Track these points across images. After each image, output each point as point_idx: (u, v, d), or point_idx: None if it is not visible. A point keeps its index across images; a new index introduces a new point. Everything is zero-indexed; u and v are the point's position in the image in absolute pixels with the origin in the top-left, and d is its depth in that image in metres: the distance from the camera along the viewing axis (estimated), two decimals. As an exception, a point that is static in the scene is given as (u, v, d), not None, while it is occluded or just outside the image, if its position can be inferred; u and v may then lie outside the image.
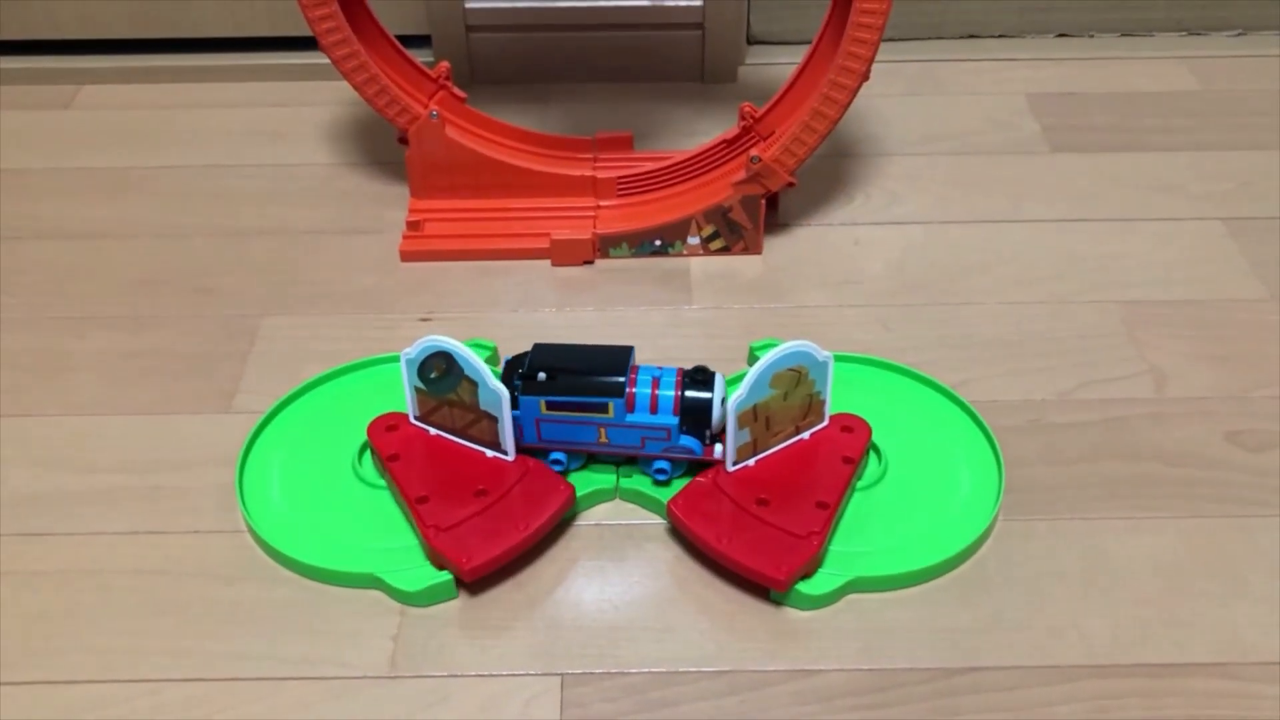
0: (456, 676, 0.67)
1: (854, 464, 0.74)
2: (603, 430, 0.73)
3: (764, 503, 0.72)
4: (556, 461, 0.75)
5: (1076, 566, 0.72)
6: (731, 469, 0.74)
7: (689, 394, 0.73)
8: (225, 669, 0.67)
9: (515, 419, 0.74)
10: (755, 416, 0.73)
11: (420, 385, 0.75)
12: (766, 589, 0.70)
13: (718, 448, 0.74)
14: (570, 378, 0.73)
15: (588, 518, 0.76)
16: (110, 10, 1.18)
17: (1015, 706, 0.65)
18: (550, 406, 0.73)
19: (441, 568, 0.70)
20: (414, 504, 0.72)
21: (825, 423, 0.76)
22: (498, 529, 0.71)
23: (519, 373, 0.74)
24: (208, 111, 1.16)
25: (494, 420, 0.73)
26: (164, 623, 0.69)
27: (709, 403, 0.73)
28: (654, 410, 0.73)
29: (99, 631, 0.69)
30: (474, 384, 0.72)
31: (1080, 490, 0.77)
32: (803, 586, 0.69)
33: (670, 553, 0.73)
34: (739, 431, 0.73)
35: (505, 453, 0.75)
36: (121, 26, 1.19)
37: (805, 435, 0.76)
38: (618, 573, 0.72)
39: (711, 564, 0.72)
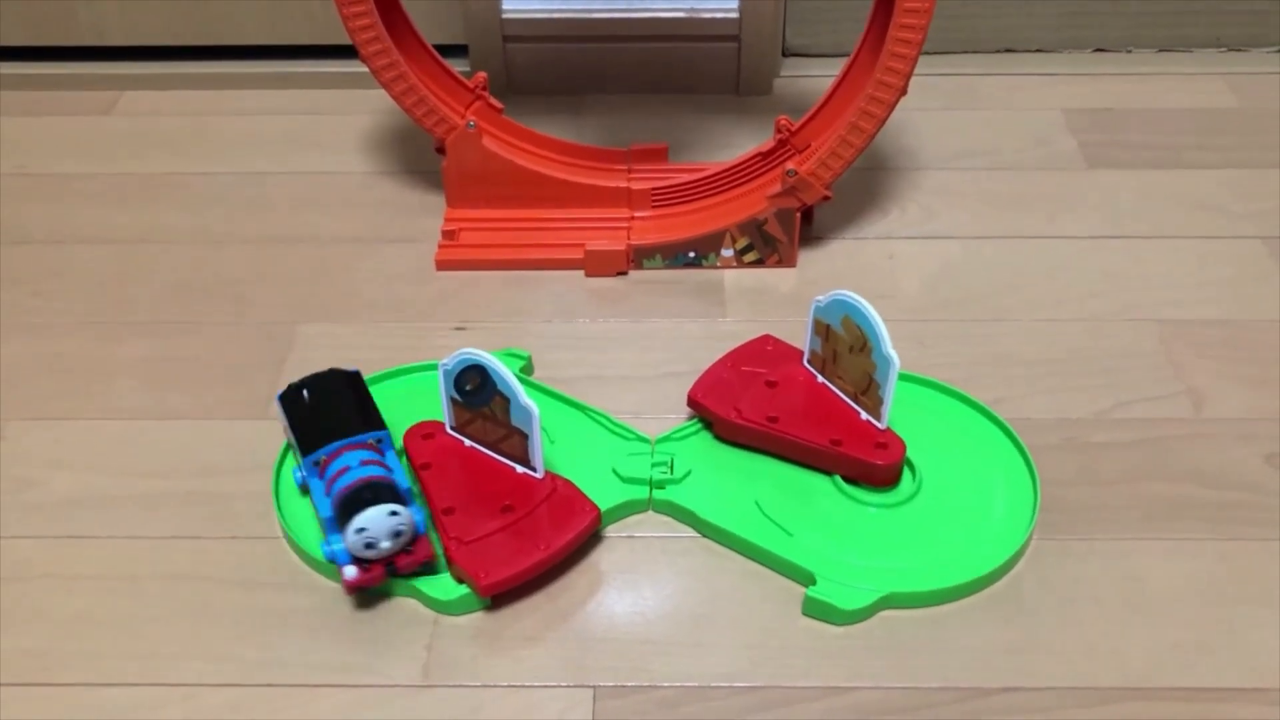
0: (489, 687, 0.67)
1: (842, 455, 0.75)
2: (302, 473, 0.75)
3: (773, 386, 0.80)
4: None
5: (1113, 588, 0.72)
6: (805, 363, 0.81)
7: (344, 496, 0.68)
8: (260, 675, 0.68)
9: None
10: (827, 337, 0.78)
11: (456, 397, 0.75)
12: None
13: (349, 570, 0.68)
14: (310, 411, 0.76)
15: (620, 529, 0.76)
16: (151, 17, 1.20)
17: (1050, 728, 0.65)
18: (283, 421, 0.77)
19: (460, 581, 0.70)
20: (439, 514, 0.72)
21: (881, 424, 0.76)
22: (520, 547, 0.70)
23: (304, 382, 0.78)
24: (247, 118, 1.17)
25: (524, 436, 0.73)
26: (201, 628, 0.70)
27: (348, 518, 0.67)
28: (328, 492, 0.71)
29: (136, 635, 0.70)
30: (506, 399, 0.73)
31: (1116, 511, 0.76)
32: (837, 601, 0.69)
33: (703, 566, 0.74)
34: (814, 336, 0.79)
35: (534, 469, 0.75)
36: (162, 33, 1.21)
37: (860, 412, 0.77)
38: (650, 586, 0.72)
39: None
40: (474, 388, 0.74)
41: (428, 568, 0.71)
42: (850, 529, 0.73)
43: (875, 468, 0.74)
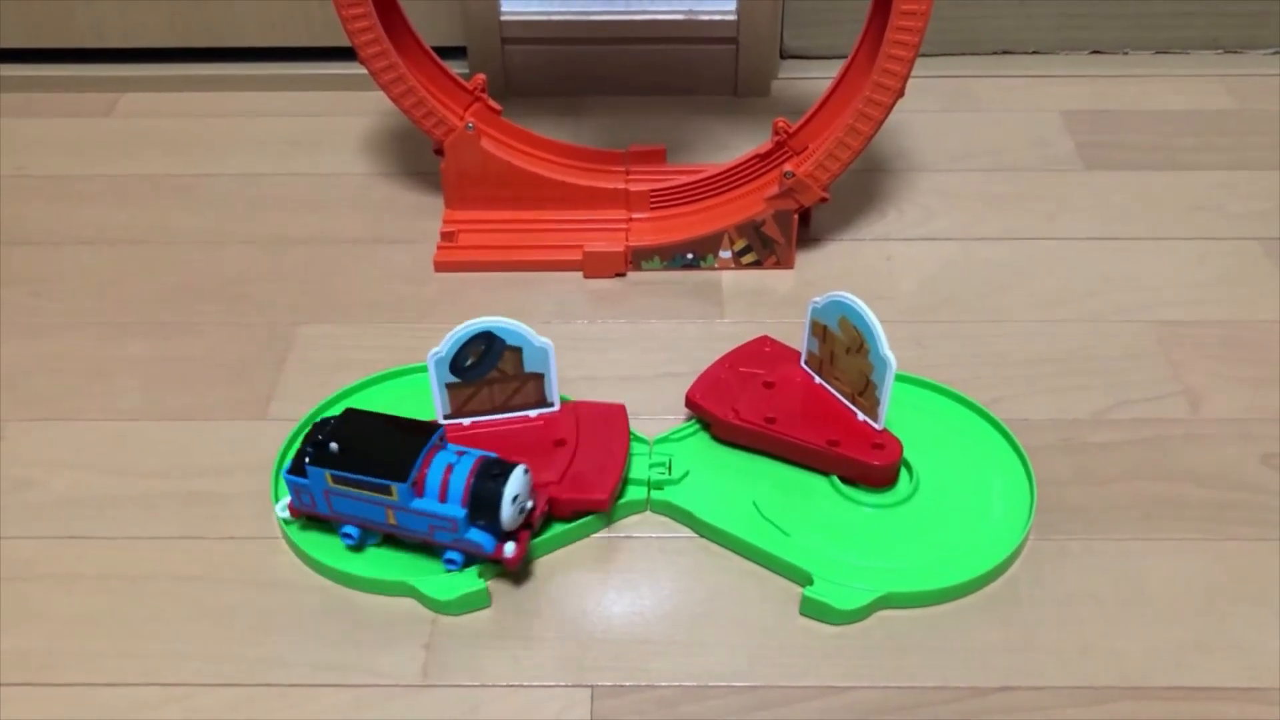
0: (487, 687, 0.67)
1: (836, 454, 0.75)
2: (390, 512, 0.70)
3: (770, 386, 0.80)
4: (348, 535, 0.72)
5: (1109, 588, 0.72)
6: (802, 364, 0.81)
7: (479, 484, 0.68)
8: (259, 675, 0.68)
9: (304, 486, 0.71)
10: (824, 338, 0.78)
11: (454, 379, 0.75)
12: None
13: (508, 547, 0.69)
14: (359, 454, 0.69)
15: (618, 529, 0.76)
16: (151, 19, 1.20)
17: (1046, 727, 0.65)
18: (336, 480, 0.69)
19: (573, 515, 0.73)
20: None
21: (876, 424, 0.76)
22: (599, 462, 0.75)
23: (316, 438, 0.70)
24: (246, 120, 1.17)
25: (540, 377, 0.76)
26: (200, 628, 0.70)
27: (498, 496, 0.68)
28: (443, 498, 0.69)
29: (135, 635, 0.70)
30: (517, 350, 0.74)
31: (1114, 511, 0.77)
32: (834, 601, 0.69)
33: (701, 566, 0.74)
34: (811, 337, 0.79)
35: (552, 404, 0.78)
36: (162, 35, 1.21)
37: (857, 414, 0.77)
38: (648, 586, 0.73)
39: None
40: (477, 358, 0.74)
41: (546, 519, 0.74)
42: (848, 529, 0.74)
43: (872, 468, 0.74)
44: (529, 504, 0.70)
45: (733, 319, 0.93)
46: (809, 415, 0.78)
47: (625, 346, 0.90)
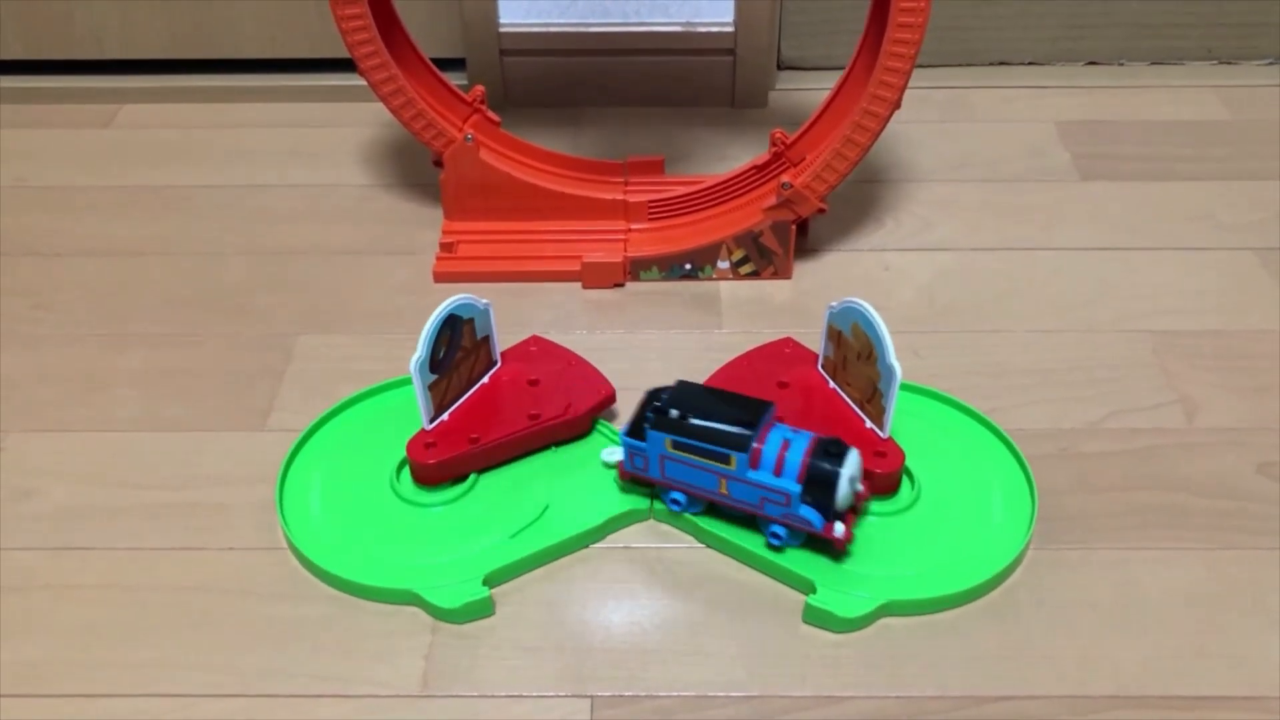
0: (487, 697, 0.68)
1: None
2: (723, 482, 0.72)
3: (784, 386, 0.83)
4: (675, 501, 0.74)
5: (1108, 596, 0.72)
6: (819, 368, 0.83)
7: (817, 463, 0.70)
8: (259, 686, 0.68)
9: (640, 450, 0.73)
10: (839, 343, 0.80)
11: (433, 376, 0.77)
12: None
13: (838, 526, 0.71)
14: (700, 422, 0.71)
15: (619, 539, 0.76)
16: (150, 31, 1.20)
17: (1046, 736, 0.65)
18: (675, 446, 0.72)
19: (594, 424, 0.81)
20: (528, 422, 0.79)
21: (882, 432, 0.77)
22: (577, 374, 0.83)
23: (654, 405, 0.73)
24: (245, 131, 1.18)
25: (486, 340, 0.82)
26: (200, 638, 0.70)
27: (835, 476, 0.69)
28: (778, 473, 0.70)
29: (136, 646, 0.70)
30: (470, 321, 0.79)
31: (1111, 520, 0.77)
32: (837, 609, 0.69)
33: (702, 575, 0.74)
34: (828, 341, 0.81)
35: (496, 362, 0.84)
36: (162, 47, 1.21)
37: (864, 420, 0.78)
38: (647, 595, 0.73)
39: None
40: (446, 345, 0.77)
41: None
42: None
43: (873, 475, 0.75)
44: (859, 486, 0.71)
45: (731, 329, 0.93)
46: (815, 417, 0.79)
47: (624, 356, 0.90)
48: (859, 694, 0.67)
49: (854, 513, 0.73)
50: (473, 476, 0.78)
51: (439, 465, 0.77)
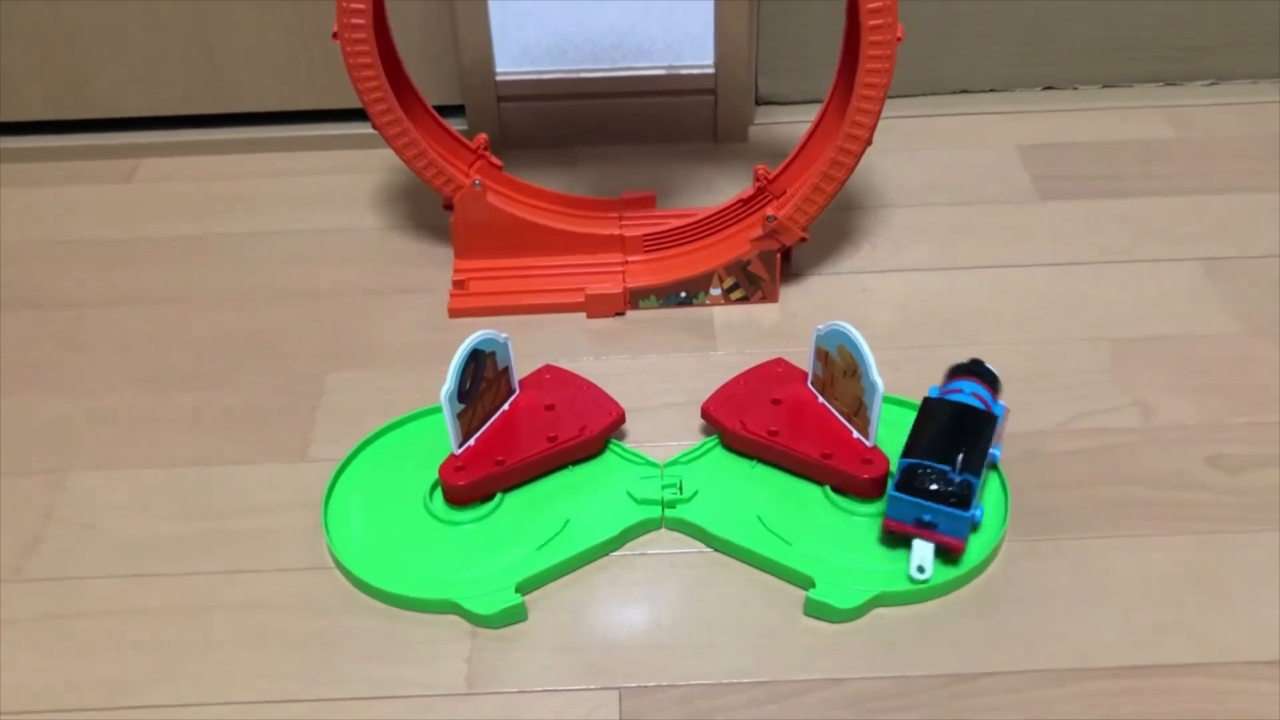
0: (526, 692, 0.75)
1: (829, 467, 0.84)
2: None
3: (777, 403, 0.90)
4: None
5: (1075, 582, 0.81)
6: (808, 385, 0.91)
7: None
8: (318, 691, 0.76)
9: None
10: (826, 362, 0.88)
11: (461, 406, 0.84)
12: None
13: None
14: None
15: (634, 547, 0.84)
16: (166, 89, 1.28)
17: (1021, 706, 0.73)
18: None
19: (606, 443, 0.89)
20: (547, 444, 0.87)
21: (867, 441, 0.85)
22: (588, 399, 0.92)
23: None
24: (260, 181, 1.25)
25: (506, 370, 0.90)
26: (262, 651, 0.78)
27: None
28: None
29: (203, 660, 0.77)
30: (492, 354, 0.87)
31: (1077, 513, 0.85)
32: (835, 601, 0.77)
33: (712, 576, 0.82)
34: (816, 361, 0.89)
35: (514, 390, 0.92)
36: (176, 104, 1.29)
37: (850, 429, 0.86)
38: (663, 596, 0.81)
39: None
40: (472, 376, 0.84)
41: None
42: (844, 537, 0.82)
43: (860, 481, 0.83)
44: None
45: (725, 351, 1.02)
46: (808, 430, 0.87)
47: (628, 380, 0.98)
48: (856, 675, 0.75)
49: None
50: (499, 495, 0.86)
51: (469, 486, 0.84)
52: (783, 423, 0.88)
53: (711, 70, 1.25)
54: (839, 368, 0.86)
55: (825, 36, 1.17)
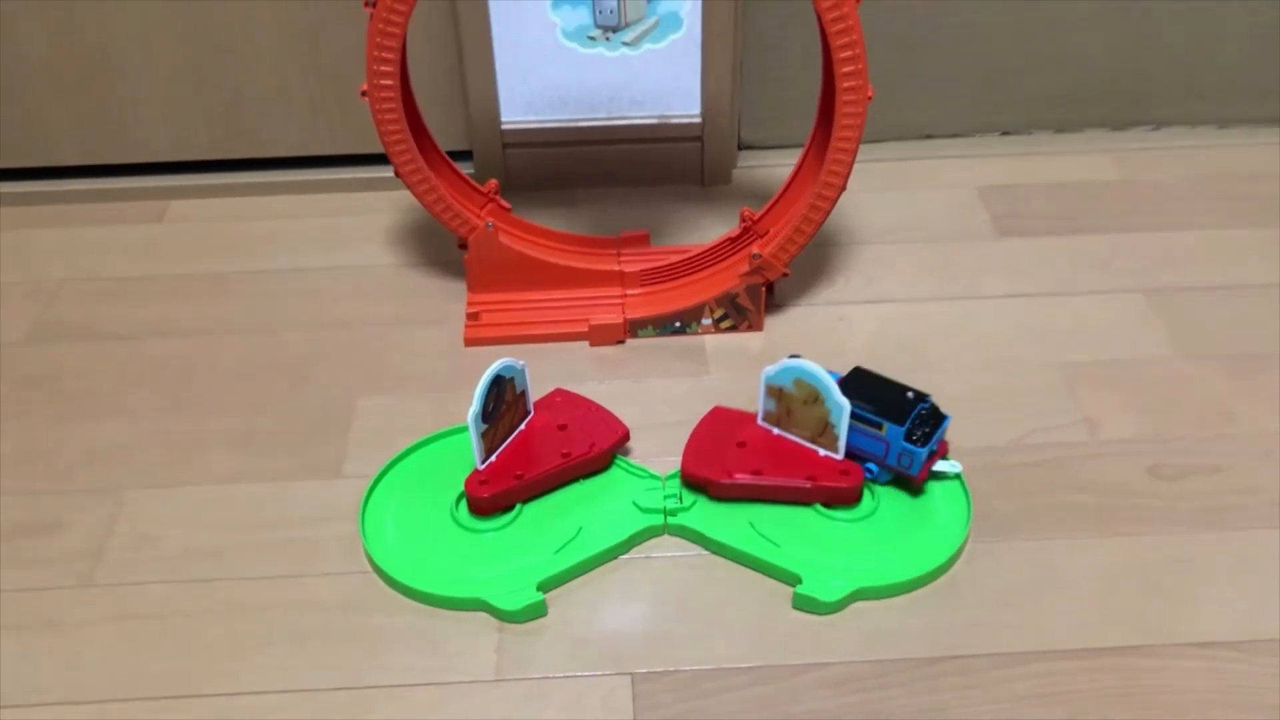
0: (548, 679, 0.85)
1: (818, 488, 0.94)
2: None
3: (742, 445, 0.98)
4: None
5: (1031, 577, 0.92)
6: (760, 421, 0.99)
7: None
8: (364, 679, 0.85)
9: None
10: (780, 397, 0.96)
11: (485, 425, 0.94)
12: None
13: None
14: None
15: (640, 551, 0.95)
16: (194, 135, 1.38)
17: (984, 684, 0.84)
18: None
19: (613, 459, 1.00)
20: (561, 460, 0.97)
21: (837, 455, 0.96)
22: (597, 419, 1.02)
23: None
24: (283, 221, 1.35)
25: (524, 393, 1.00)
26: (310, 646, 0.87)
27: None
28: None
29: (260, 654, 0.87)
30: (511, 380, 0.96)
31: (1031, 518, 0.97)
32: (820, 595, 0.88)
33: (711, 576, 0.92)
34: (767, 398, 0.96)
35: (529, 412, 1.02)
36: (204, 149, 1.39)
37: (818, 451, 0.96)
38: (669, 592, 0.91)
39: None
40: (494, 399, 0.94)
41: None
42: (826, 539, 0.93)
43: (845, 490, 0.94)
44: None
45: (717, 375, 1.12)
46: (784, 461, 0.96)
47: (629, 403, 1.08)
48: (838, 660, 0.86)
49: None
50: (519, 506, 0.96)
51: (492, 498, 0.94)
52: (760, 462, 0.96)
53: (698, 119, 1.37)
54: (797, 399, 0.96)
55: (801, 87, 1.28)
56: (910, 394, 0.95)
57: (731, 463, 0.96)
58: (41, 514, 0.98)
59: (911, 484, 0.95)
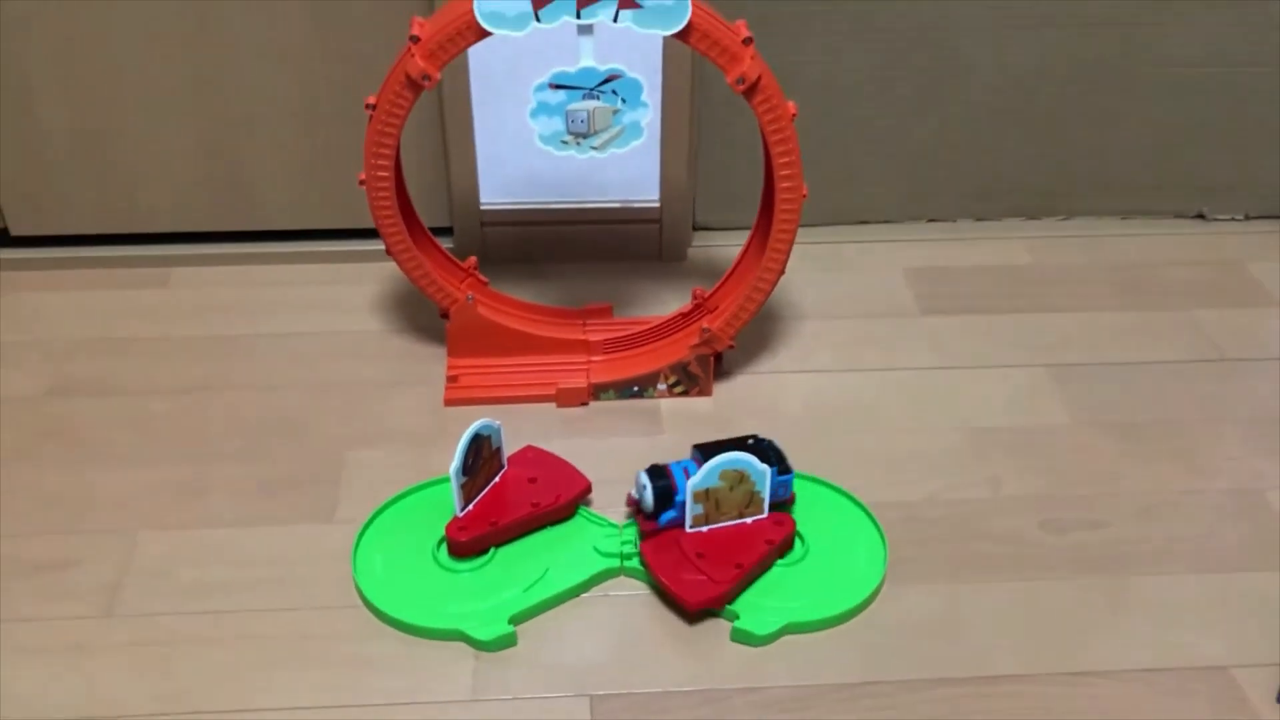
0: (518, 699, 0.98)
1: (774, 544, 1.07)
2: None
3: (701, 556, 1.05)
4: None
5: (938, 615, 1.06)
6: (689, 530, 1.07)
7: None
8: (354, 698, 0.97)
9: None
10: (707, 497, 1.06)
11: (465, 478, 1.07)
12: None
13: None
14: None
15: (600, 590, 1.08)
16: (196, 208, 1.51)
17: (897, 706, 0.98)
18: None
19: (574, 511, 1.13)
20: (531, 509, 1.10)
21: (764, 515, 1.10)
22: (562, 474, 1.15)
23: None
24: (279, 289, 1.48)
25: (499, 449, 1.12)
26: (306, 670, 0.99)
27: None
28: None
29: (260, 677, 0.99)
30: (488, 437, 1.08)
31: (940, 564, 1.11)
32: (752, 628, 1.01)
33: (658, 611, 1.05)
34: (694, 504, 1.05)
35: (503, 465, 1.14)
36: (205, 221, 1.52)
37: (748, 520, 1.10)
38: (623, 627, 1.04)
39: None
40: (474, 454, 1.07)
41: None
42: (761, 581, 1.06)
43: (791, 535, 1.08)
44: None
45: (670, 435, 1.26)
46: (741, 546, 1.05)
47: (592, 458, 1.20)
48: (770, 685, 0.99)
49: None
50: (493, 549, 1.09)
51: (470, 542, 1.07)
52: (728, 557, 1.04)
53: (657, 204, 1.52)
54: (724, 489, 1.06)
55: (749, 176, 1.41)
56: (750, 440, 1.10)
57: (713, 574, 1.03)
58: (63, 552, 1.10)
59: (787, 505, 1.11)
